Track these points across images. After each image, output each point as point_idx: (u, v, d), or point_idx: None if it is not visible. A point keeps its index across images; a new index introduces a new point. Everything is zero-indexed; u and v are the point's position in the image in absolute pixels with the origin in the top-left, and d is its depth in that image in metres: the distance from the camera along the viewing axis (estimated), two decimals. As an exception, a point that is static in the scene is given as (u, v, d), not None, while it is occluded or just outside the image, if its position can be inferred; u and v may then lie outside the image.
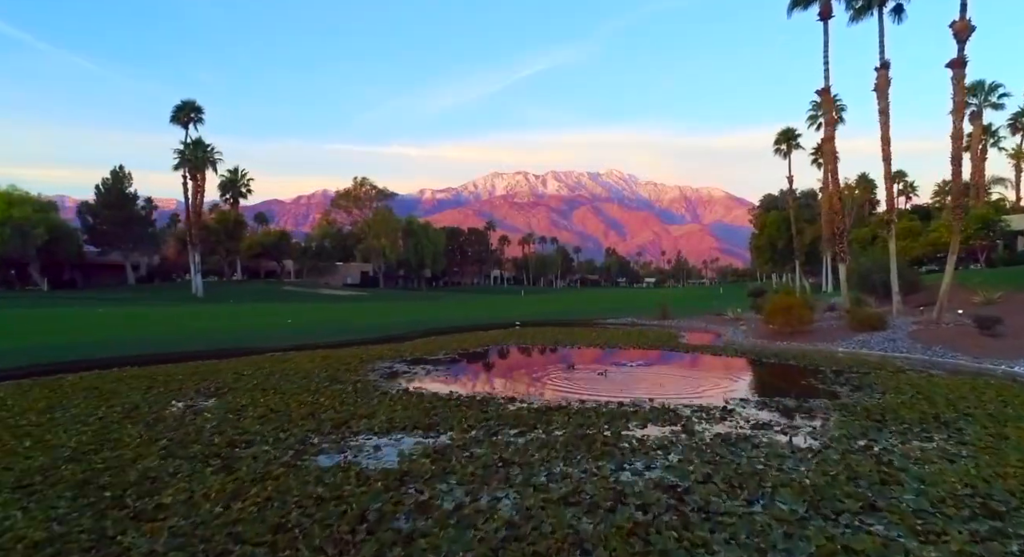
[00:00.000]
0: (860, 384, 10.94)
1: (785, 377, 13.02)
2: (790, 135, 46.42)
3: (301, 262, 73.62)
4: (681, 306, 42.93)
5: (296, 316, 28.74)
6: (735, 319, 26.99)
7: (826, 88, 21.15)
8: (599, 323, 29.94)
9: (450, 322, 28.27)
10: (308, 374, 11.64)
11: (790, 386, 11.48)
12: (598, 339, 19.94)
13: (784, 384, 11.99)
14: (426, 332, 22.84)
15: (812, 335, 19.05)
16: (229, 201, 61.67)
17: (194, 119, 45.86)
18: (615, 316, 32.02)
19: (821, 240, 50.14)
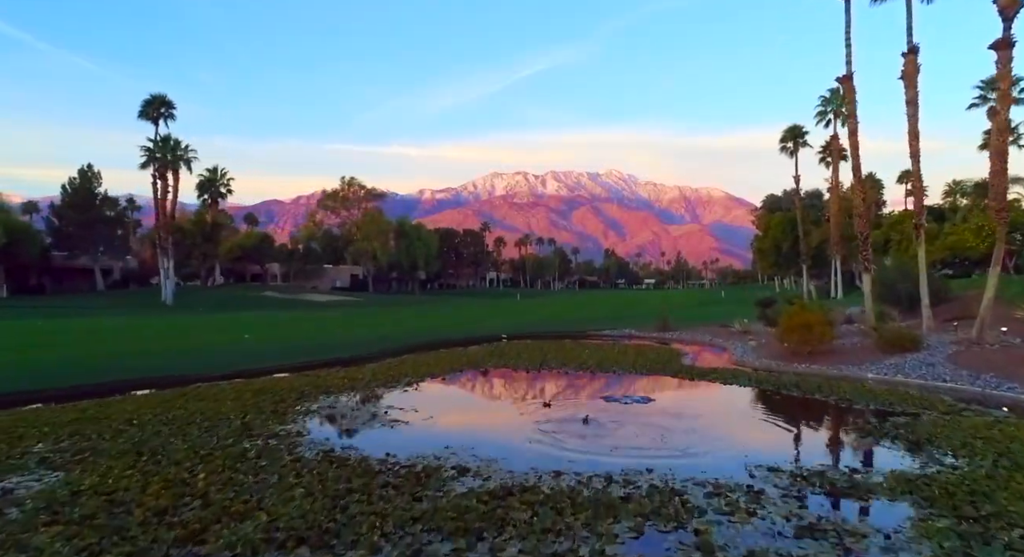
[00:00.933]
0: (915, 436, 8.57)
1: (816, 419, 10.64)
2: (797, 133, 44.07)
3: (287, 265, 70.99)
4: (682, 313, 40.54)
5: (263, 329, 26.37)
6: (742, 332, 24.62)
7: (848, 75, 18.74)
8: (594, 335, 27.59)
9: (432, 335, 25.91)
10: (218, 421, 9.27)
11: (826, 438, 9.11)
12: (590, 359, 17.58)
13: (817, 434, 9.62)
14: (399, 350, 20.45)
15: (834, 356, 16.69)
16: (208, 202, 59.13)
17: (164, 114, 43.28)
18: (612, 326, 29.66)
19: (829, 243, 47.87)
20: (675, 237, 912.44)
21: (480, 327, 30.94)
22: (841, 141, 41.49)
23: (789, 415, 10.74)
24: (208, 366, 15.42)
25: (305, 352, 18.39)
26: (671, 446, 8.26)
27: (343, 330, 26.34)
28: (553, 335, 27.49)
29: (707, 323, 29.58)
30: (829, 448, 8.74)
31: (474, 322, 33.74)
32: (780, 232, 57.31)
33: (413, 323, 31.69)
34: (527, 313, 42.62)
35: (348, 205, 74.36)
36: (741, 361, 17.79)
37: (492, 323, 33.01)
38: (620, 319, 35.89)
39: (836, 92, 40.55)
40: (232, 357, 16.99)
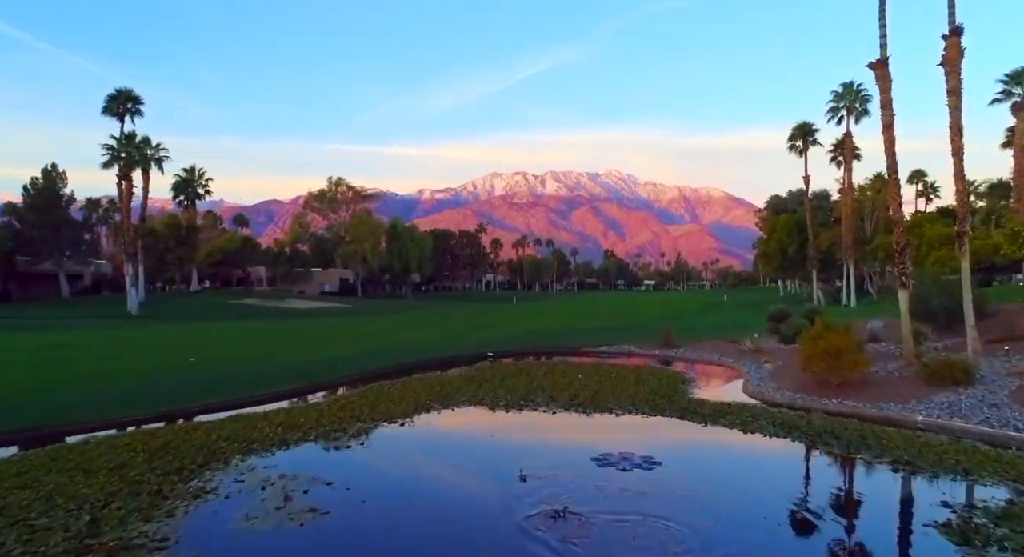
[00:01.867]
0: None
1: (873, 505, 8.08)
2: (807, 131, 41.56)
3: (273, 269, 68.25)
4: (685, 321, 37.97)
5: (224, 345, 23.87)
6: (755, 350, 22.12)
7: (883, 60, 16.12)
8: (590, 350, 25.10)
9: (413, 351, 23.40)
10: (59, 515, 6.77)
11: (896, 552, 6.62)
12: (583, 389, 15.10)
13: (880, 543, 7.08)
14: (368, 375, 17.95)
15: (869, 389, 14.20)
16: (184, 203, 56.22)
17: (131, 111, 40.56)
18: (609, 340, 27.13)
19: (840, 247, 45.40)
20: (675, 237, 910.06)
21: (468, 340, 28.46)
22: (854, 139, 39.09)
23: (833, 497, 8.23)
24: (125, 403, 12.93)
25: (255, 380, 15.87)
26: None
27: (314, 347, 23.81)
28: (545, 351, 25.02)
29: (712, 337, 27.07)
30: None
31: (462, 334, 31.25)
32: (786, 234, 54.82)
33: (395, 336, 29.19)
34: (520, 321, 40.11)
35: (336, 207, 71.55)
36: (758, 392, 15.31)
37: (481, 335, 30.53)
38: (619, 329, 33.38)
39: (849, 86, 38.16)
40: (162, 389, 14.47)
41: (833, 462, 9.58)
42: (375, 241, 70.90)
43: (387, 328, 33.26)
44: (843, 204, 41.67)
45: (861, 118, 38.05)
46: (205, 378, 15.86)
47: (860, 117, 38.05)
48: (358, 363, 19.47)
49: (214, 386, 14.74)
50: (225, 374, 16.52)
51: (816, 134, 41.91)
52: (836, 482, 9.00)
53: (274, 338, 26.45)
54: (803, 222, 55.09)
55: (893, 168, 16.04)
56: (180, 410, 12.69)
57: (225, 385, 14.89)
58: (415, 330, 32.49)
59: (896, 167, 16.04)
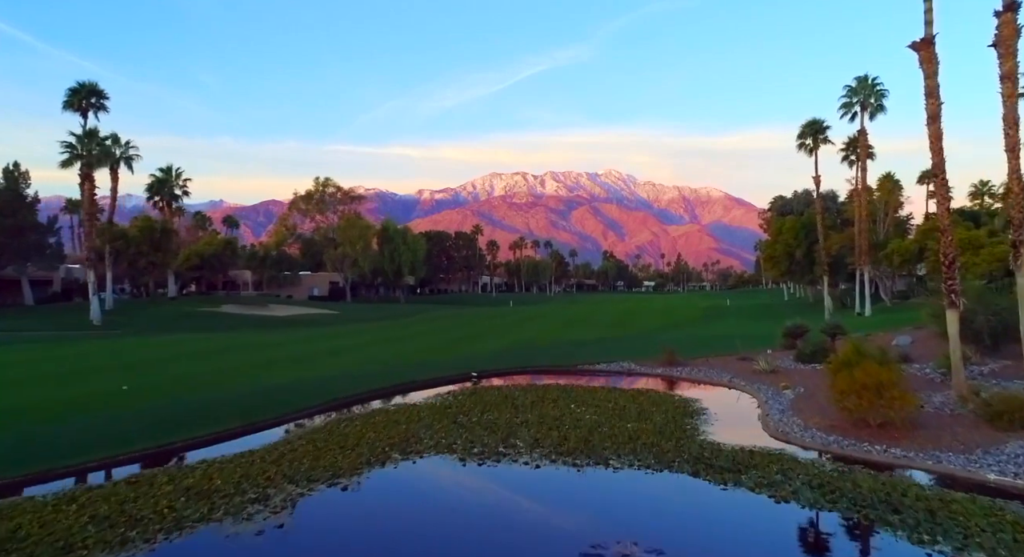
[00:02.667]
0: None
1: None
2: (817, 128, 39.14)
3: (259, 272, 65.62)
4: (688, 332, 35.61)
5: (174, 365, 21.48)
6: (770, 371, 19.75)
7: (928, 39, 13.67)
8: (586, 369, 22.73)
9: (391, 371, 21.04)
10: None
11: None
12: (573, 430, 12.76)
13: None
14: (327, 406, 15.57)
15: (918, 431, 11.84)
16: (160, 205, 53.43)
17: (95, 105, 37.98)
18: (607, 356, 24.74)
19: (853, 251, 43.02)
20: (674, 237, 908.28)
21: (455, 354, 26.10)
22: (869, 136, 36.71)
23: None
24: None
25: (183, 420, 13.46)
26: None
27: (278, 368, 21.40)
28: (536, 368, 22.65)
29: (720, 353, 24.70)
30: None
31: (448, 347, 28.87)
32: (792, 237, 52.45)
33: (375, 351, 26.80)
34: (513, 331, 37.74)
35: (323, 208, 68.82)
36: (783, 431, 12.94)
37: (469, 349, 28.16)
38: (617, 342, 31.02)
39: (864, 80, 35.80)
40: (63, 435, 12.04)
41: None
42: (365, 243, 68.39)
43: (368, 341, 30.86)
44: (856, 206, 39.29)
45: (876, 114, 35.69)
46: (122, 417, 13.44)
47: (875, 113, 35.69)
48: (324, 390, 17.08)
49: (129, 430, 12.33)
50: (151, 411, 14.09)
51: (827, 131, 39.55)
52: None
53: (237, 356, 24.02)
54: (811, 224, 52.74)
55: (940, 166, 13.63)
56: (67, 468, 10.26)
57: (143, 427, 12.49)
58: (398, 343, 30.09)
59: (944, 165, 13.65)
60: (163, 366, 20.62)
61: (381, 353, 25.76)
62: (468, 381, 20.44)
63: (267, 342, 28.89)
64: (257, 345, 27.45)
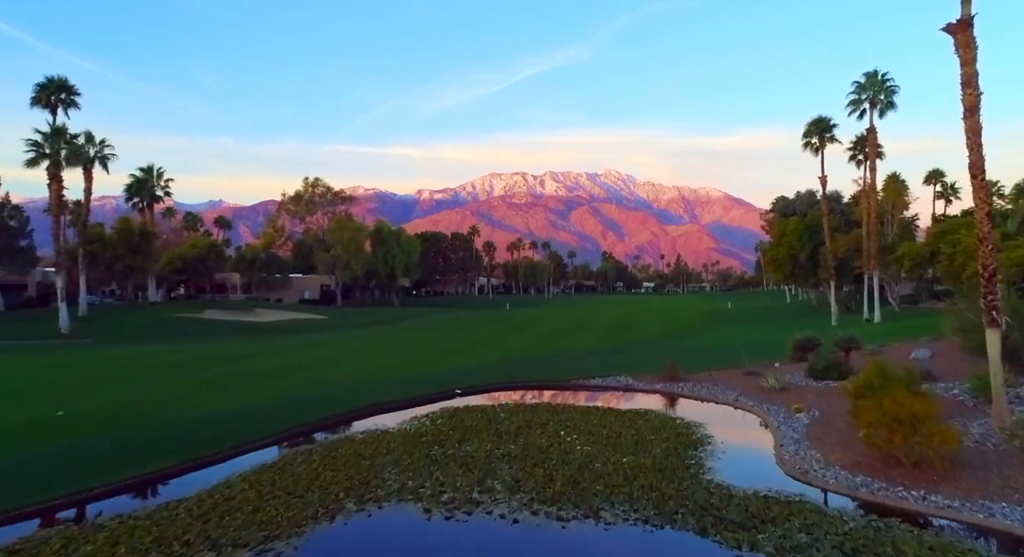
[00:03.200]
0: None
1: None
2: (824, 126, 37.49)
3: (248, 275, 63.84)
4: (689, 340, 34.03)
5: (128, 384, 19.85)
6: (779, 389, 18.11)
7: (966, 20, 11.99)
8: (580, 385, 21.10)
9: (369, 387, 19.42)
10: None
11: None
12: (561, 467, 11.15)
13: None
14: (282, 433, 13.94)
15: (959, 472, 10.20)
16: (140, 207, 51.45)
17: (65, 102, 36.18)
18: (604, 369, 23.09)
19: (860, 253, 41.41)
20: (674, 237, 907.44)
21: (442, 366, 24.49)
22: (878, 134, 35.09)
23: None
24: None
25: (110, 457, 11.82)
26: None
27: (243, 386, 19.72)
28: (526, 385, 21.02)
29: (724, 365, 23.06)
30: None
31: (436, 358, 27.25)
32: (796, 239, 50.87)
33: (354, 364, 25.13)
34: (506, 339, 36.14)
35: (313, 209, 66.96)
36: (801, 468, 11.29)
37: (457, 360, 26.55)
38: (615, 353, 29.41)
39: (873, 76, 34.18)
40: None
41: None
42: (358, 245, 66.66)
43: (351, 351, 29.21)
44: (864, 207, 37.68)
45: (887, 111, 34.05)
46: (40, 455, 11.76)
47: (885, 111, 34.05)
48: (288, 414, 15.45)
49: (44, 472, 10.68)
50: (81, 445, 12.45)
51: (834, 130, 37.90)
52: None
53: (203, 370, 22.37)
54: (815, 226, 51.21)
55: (979, 165, 11.97)
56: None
57: (60, 469, 10.84)
58: (382, 354, 28.45)
59: (983, 164, 12.00)
60: (115, 385, 18.99)
61: (362, 366, 24.12)
62: (452, 397, 18.88)
63: (242, 352, 27.23)
64: (230, 356, 25.80)
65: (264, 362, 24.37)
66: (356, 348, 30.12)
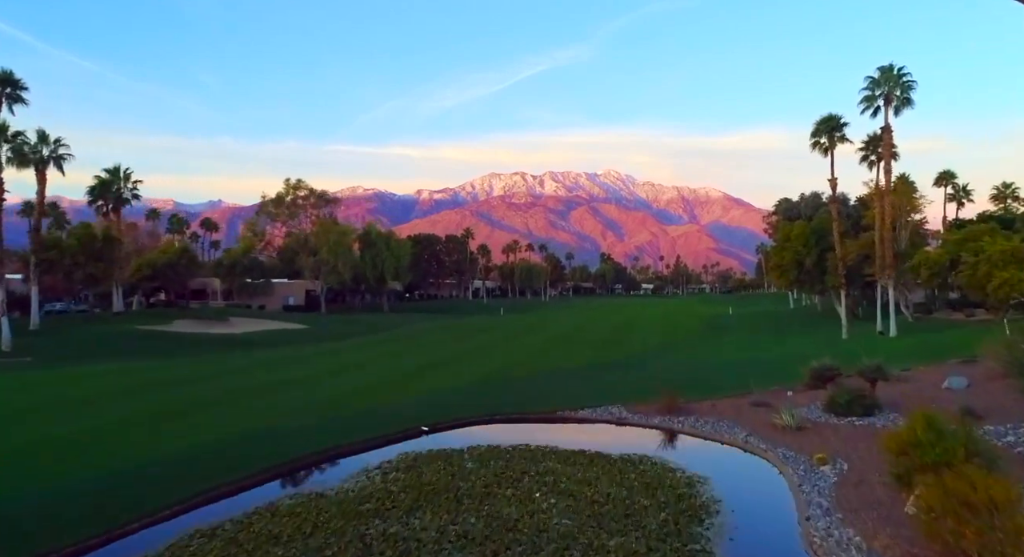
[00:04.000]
0: None
1: None
2: (833, 124, 34.92)
3: (228, 281, 61.06)
4: (690, 353, 31.54)
5: (51, 417, 17.34)
6: (796, 428, 15.59)
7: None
8: (568, 417, 18.61)
9: (314, 425, 16.93)
10: None
11: None
12: (533, 548, 8.67)
13: None
14: (187, 502, 11.38)
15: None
16: (105, 210, 48.55)
17: (11, 97, 33.46)
18: (595, 395, 20.55)
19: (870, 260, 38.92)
20: (673, 237, 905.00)
21: (415, 391, 21.99)
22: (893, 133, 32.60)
23: None
24: None
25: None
26: None
27: (177, 422, 17.20)
28: (505, 417, 18.51)
29: (730, 393, 20.55)
30: None
31: (411, 378, 24.72)
32: (802, 244, 48.30)
33: (319, 388, 22.58)
34: (492, 353, 33.64)
35: (295, 212, 63.94)
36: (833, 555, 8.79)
37: (435, 380, 24.03)
38: (609, 369, 26.92)
39: (888, 71, 31.69)
40: None
41: None
42: (345, 248, 63.88)
43: (318, 371, 26.60)
44: (877, 211, 35.15)
45: (903, 109, 31.57)
46: None
47: (901, 108, 31.56)
48: (209, 468, 12.92)
49: None
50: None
51: (844, 128, 35.35)
52: None
53: (144, 399, 19.76)
54: (821, 230, 48.72)
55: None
56: None
57: None
58: (352, 374, 25.93)
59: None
60: (37, 420, 16.46)
61: (326, 391, 21.57)
62: (419, 436, 16.41)
63: (196, 374, 24.67)
64: (180, 380, 23.23)
65: (213, 387, 21.79)
66: (326, 367, 27.56)
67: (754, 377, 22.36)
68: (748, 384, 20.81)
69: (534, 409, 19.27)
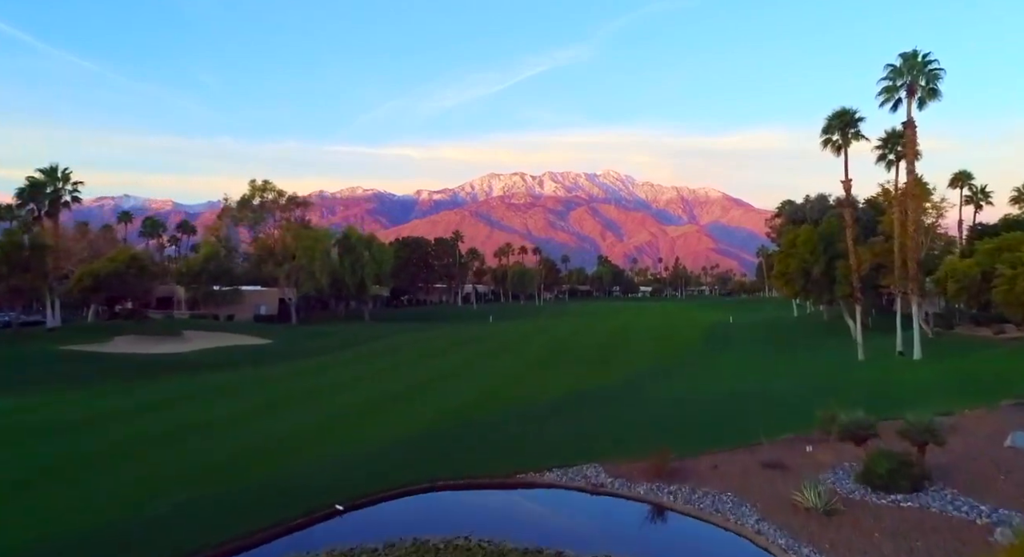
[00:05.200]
0: None
1: None
2: (847, 120, 31.00)
3: (193, 290, 56.71)
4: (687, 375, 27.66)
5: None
6: (824, 512, 11.79)
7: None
8: (529, 482, 14.81)
9: (197, 499, 13.19)
10: None
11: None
12: None
13: None
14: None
15: None
16: (34, 214, 44.12)
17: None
18: (566, 460, 16.59)
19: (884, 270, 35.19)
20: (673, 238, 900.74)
21: (352, 441, 18.25)
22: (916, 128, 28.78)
23: None
24: None
25: None
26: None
27: (18, 497, 13.44)
28: (447, 484, 14.69)
29: (733, 443, 16.77)
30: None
31: (356, 421, 20.92)
32: (809, 251, 44.58)
33: (241, 434, 18.79)
34: (461, 379, 29.92)
35: (262, 217, 59.19)
36: None
37: (383, 425, 20.21)
38: (592, 401, 23.13)
39: (912, 57, 27.90)
40: None
41: None
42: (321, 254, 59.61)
43: (248, 409, 22.61)
44: (897, 217, 31.28)
45: (928, 101, 27.73)
46: None
47: (927, 100, 27.72)
48: None
49: None
50: None
51: (860, 124, 31.51)
52: None
53: (33, 451, 16.04)
54: (830, 235, 45.00)
55: None
56: None
57: None
58: (292, 410, 22.13)
59: None
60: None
61: (235, 443, 17.59)
62: (332, 517, 12.68)
63: (94, 415, 20.70)
64: (68, 425, 19.25)
65: (99, 438, 17.80)
66: (264, 400, 23.68)
67: (763, 419, 18.64)
68: (757, 432, 17.02)
69: (490, 469, 15.44)
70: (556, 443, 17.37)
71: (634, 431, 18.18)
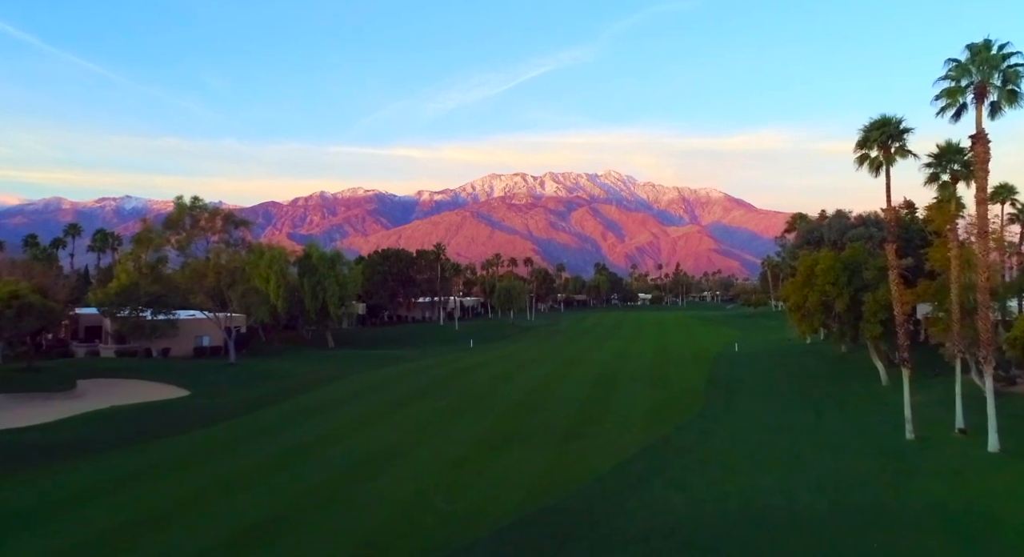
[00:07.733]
0: None
1: None
2: (891, 131, 23.97)
3: (119, 321, 49.30)
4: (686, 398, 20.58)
5: None
6: None
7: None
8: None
9: None
10: None
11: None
12: None
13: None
14: None
15: None
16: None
17: None
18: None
19: (935, 320, 28.24)
20: (674, 238, 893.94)
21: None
22: (989, 141, 21.75)
23: None
24: None
25: None
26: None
27: None
28: None
29: None
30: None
31: (259, 539, 14.05)
32: (831, 282, 37.71)
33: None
34: (393, 467, 23.16)
35: (196, 235, 51.39)
36: None
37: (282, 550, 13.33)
38: (549, 536, 16.26)
39: (984, 49, 20.91)
40: None
41: None
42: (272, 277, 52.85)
43: (90, 535, 15.92)
44: (951, 255, 24.31)
45: (1007, 106, 20.75)
46: None
47: (1004, 105, 20.74)
48: None
49: None
50: None
51: (906, 136, 24.58)
52: None
53: None
54: (854, 263, 38.20)
55: None
56: None
57: None
58: (176, 516, 15.30)
59: None
60: None
61: None
62: None
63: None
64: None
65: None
66: (108, 524, 16.68)
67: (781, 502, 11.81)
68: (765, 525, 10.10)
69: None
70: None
71: (616, 500, 11.37)
